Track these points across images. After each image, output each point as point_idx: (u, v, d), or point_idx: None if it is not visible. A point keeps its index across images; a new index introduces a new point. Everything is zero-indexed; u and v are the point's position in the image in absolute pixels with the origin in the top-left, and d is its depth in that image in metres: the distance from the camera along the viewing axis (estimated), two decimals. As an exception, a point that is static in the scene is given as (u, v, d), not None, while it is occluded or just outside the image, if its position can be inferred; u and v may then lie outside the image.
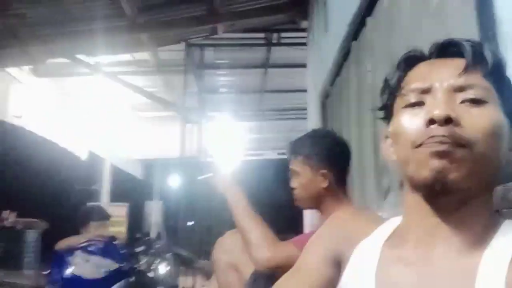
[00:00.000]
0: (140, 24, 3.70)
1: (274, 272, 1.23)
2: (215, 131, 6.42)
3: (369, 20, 2.09)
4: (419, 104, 0.61)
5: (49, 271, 2.57)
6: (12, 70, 4.43)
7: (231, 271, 1.36)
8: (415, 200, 0.62)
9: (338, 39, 2.61)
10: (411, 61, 0.66)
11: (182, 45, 4.79)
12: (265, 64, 5.46)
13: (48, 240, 4.09)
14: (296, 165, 1.45)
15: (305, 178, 1.43)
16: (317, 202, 1.44)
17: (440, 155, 0.56)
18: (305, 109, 5.44)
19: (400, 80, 0.65)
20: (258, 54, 5.28)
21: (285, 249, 1.26)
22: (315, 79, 3.72)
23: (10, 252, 4.12)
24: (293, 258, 1.21)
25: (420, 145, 0.58)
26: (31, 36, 3.47)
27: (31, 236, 4.50)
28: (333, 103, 3.02)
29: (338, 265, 0.69)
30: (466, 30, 1.11)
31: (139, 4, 3.50)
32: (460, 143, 0.56)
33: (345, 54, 2.53)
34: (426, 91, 0.61)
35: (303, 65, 4.57)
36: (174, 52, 4.86)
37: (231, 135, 7.10)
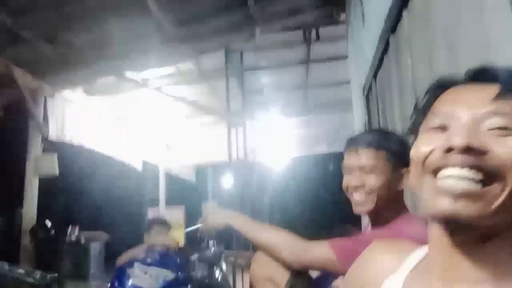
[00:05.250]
0: (181, 36, 3.80)
1: (306, 272, 1.24)
2: (261, 132, 6.45)
3: (405, 14, 2.01)
4: (443, 128, 0.58)
5: (110, 284, 2.73)
6: (66, 92, 4.69)
7: (268, 284, 1.38)
8: (436, 231, 0.59)
9: (376, 33, 2.54)
10: (443, 85, 0.63)
11: (222, 51, 4.86)
12: (306, 60, 5.40)
13: (111, 250, 4.32)
14: (372, 159, 1.25)
15: (384, 176, 1.24)
16: (389, 204, 1.25)
17: (453, 195, 0.52)
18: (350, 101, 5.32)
19: (430, 103, 0.63)
20: (298, 51, 5.23)
21: (316, 249, 1.25)
22: (357, 73, 3.64)
23: (77, 264, 4.41)
24: (322, 257, 1.19)
25: (435, 172, 0.55)
26: (79, 60, 3.67)
27: (95, 248, 4.77)
28: (376, 96, 2.94)
29: None
30: (503, 26, 1.04)
31: (179, 17, 3.59)
32: (483, 174, 0.52)
33: (384, 48, 2.46)
34: (451, 115, 0.57)
35: (345, 57, 4.47)
36: (215, 58, 4.93)
37: (278, 133, 7.11)
